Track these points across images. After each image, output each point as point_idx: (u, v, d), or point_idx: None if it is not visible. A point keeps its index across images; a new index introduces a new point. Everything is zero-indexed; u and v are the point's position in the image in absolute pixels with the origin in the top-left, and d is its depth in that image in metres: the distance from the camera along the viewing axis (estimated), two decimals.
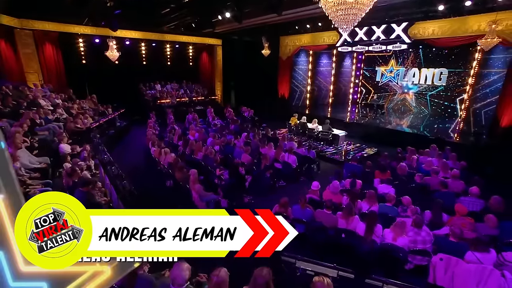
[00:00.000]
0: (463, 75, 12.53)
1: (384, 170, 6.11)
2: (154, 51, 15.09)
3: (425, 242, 3.85)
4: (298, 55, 15.38)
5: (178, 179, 5.86)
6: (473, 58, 11.79)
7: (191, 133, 9.41)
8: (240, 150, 7.59)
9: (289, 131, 12.02)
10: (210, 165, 6.64)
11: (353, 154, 9.48)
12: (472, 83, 11.93)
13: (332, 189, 5.16)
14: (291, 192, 6.93)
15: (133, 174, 7.77)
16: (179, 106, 14.67)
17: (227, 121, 12.33)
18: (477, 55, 11.54)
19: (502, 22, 8.61)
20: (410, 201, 4.64)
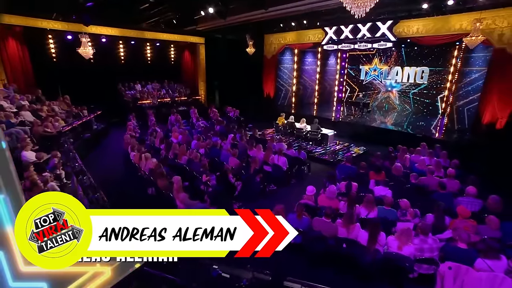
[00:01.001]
0: (443, 74, 12.73)
1: (379, 171, 5.84)
2: (133, 50, 14.25)
3: (432, 250, 3.56)
4: (283, 54, 15.04)
5: (161, 187, 5.30)
6: (452, 56, 12.03)
7: (174, 136, 8.81)
8: (227, 153, 7.10)
9: (276, 131, 11.64)
10: (195, 170, 6.11)
11: (342, 154, 9.24)
12: (452, 81, 12.15)
13: (328, 194, 4.80)
14: (283, 196, 6.56)
15: (111, 182, 7.11)
16: (161, 107, 13.95)
17: (211, 122, 11.79)
18: (456, 52, 11.77)
19: (483, 22, 8.67)
20: (408, 204, 4.36)
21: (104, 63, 13.02)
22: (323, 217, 4.05)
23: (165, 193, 5.14)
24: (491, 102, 9.00)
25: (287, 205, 6.10)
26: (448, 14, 9.28)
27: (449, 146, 8.47)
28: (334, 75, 16.86)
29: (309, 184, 7.11)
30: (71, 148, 6.48)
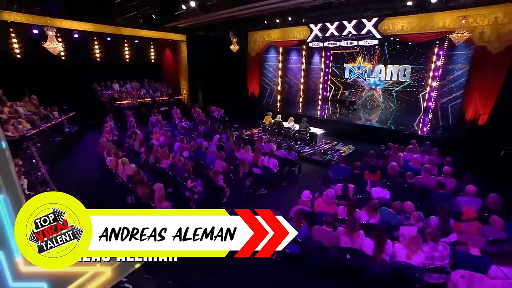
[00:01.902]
0: (425, 72, 12.85)
1: (374, 171, 5.55)
2: (109, 47, 13.29)
3: (443, 258, 3.24)
4: (268, 52, 14.63)
5: (141, 196, 4.70)
6: (434, 54, 12.19)
7: (155, 138, 8.15)
8: (213, 155, 6.57)
9: (263, 131, 11.21)
10: (179, 176, 5.54)
11: (331, 154, 8.95)
12: (434, 78, 12.33)
13: (326, 199, 4.41)
14: (274, 200, 6.13)
15: (85, 191, 6.36)
16: (141, 108, 13.12)
17: (195, 123, 11.17)
18: (436, 50, 11.93)
19: (468, 18, 8.69)
20: (413, 207, 4.05)
21: (78, 60, 12.01)
22: (324, 226, 3.65)
23: (146, 202, 4.55)
24: (474, 99, 9.05)
25: (280, 210, 5.72)
26: (431, 12, 9.26)
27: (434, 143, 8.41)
28: (319, 74, 16.67)
29: (301, 186, 6.78)
30: (34, 154, 5.68)
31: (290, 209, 5.12)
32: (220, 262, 4.36)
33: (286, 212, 5.16)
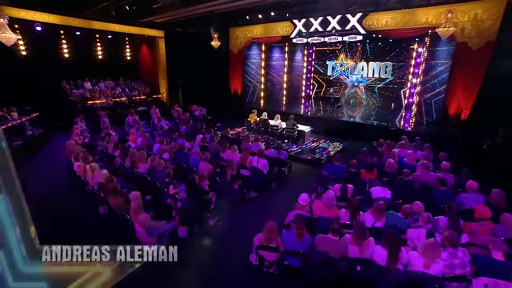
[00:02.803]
0: (405, 68, 12.90)
1: (371, 169, 5.18)
2: (79, 42, 12.12)
3: (464, 265, 2.86)
4: (250, 48, 14.07)
5: (114, 207, 3.99)
6: (413, 50, 12.27)
7: (131, 139, 7.36)
8: (197, 157, 5.92)
9: (248, 130, 10.65)
10: (159, 181, 4.86)
11: (320, 152, 8.57)
12: (415, 74, 12.41)
13: (326, 202, 3.94)
14: (265, 204, 5.60)
15: (49, 201, 5.53)
16: (116, 108, 12.12)
17: (176, 123, 10.40)
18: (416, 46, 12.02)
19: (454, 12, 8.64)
20: (422, 208, 3.68)
21: (43, 57, 10.80)
22: (329, 234, 3.16)
23: (120, 214, 3.85)
24: (456, 94, 9.04)
25: (271, 214, 5.20)
26: (414, 8, 9.15)
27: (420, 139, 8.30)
28: (302, 71, 16.36)
29: (292, 187, 6.33)
30: None
31: (283, 213, 4.65)
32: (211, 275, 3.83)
33: (279, 216, 4.67)
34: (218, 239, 4.51)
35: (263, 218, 4.99)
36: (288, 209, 4.51)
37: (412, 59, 12.54)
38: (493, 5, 8.16)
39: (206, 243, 4.34)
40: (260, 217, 5.07)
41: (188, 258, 3.97)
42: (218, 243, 4.42)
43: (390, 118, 11.24)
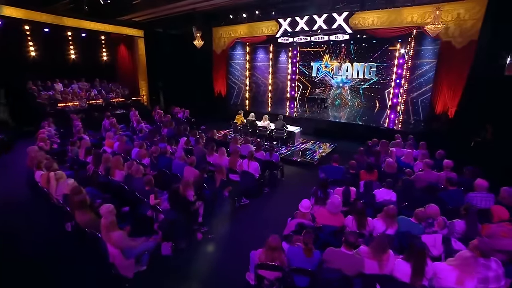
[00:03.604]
0: (389, 69, 12.91)
1: (371, 169, 4.77)
2: (49, 40, 11.03)
3: (499, 278, 2.45)
4: (234, 48, 13.54)
5: (82, 224, 3.29)
6: (397, 50, 12.31)
7: (107, 144, 6.57)
8: (181, 162, 5.28)
9: (234, 132, 10.07)
10: (138, 190, 4.18)
11: (311, 153, 8.15)
12: (397, 75, 12.46)
13: (331, 208, 3.45)
14: (257, 211, 5.05)
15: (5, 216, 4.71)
16: (92, 111, 11.12)
17: (157, 125, 9.64)
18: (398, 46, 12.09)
19: (431, 15, 8.65)
20: (438, 211, 3.28)
21: (4, 55, 9.66)
22: (343, 247, 2.67)
23: (90, 232, 3.15)
24: (442, 93, 9.01)
25: (266, 223, 4.66)
26: (400, 7, 9.05)
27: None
28: (286, 72, 16.05)
29: (285, 192, 5.82)
30: None
31: (279, 221, 4.15)
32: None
33: (276, 225, 4.16)
34: (207, 255, 3.91)
35: (257, 228, 4.47)
36: (284, 216, 4.01)
37: (395, 59, 12.59)
38: (475, 5, 8.19)
39: (194, 260, 3.72)
40: (254, 226, 4.52)
41: (173, 279, 3.34)
42: (208, 259, 3.82)
43: (376, 118, 11.14)
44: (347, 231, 2.75)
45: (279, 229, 3.75)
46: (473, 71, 8.37)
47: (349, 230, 2.74)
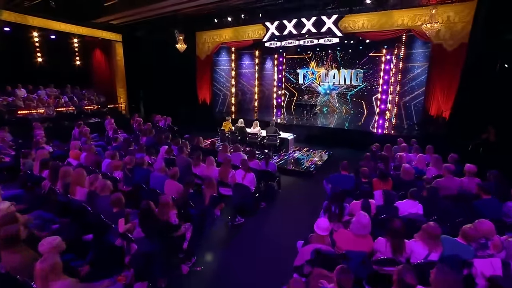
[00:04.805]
0: (376, 74, 12.69)
1: (385, 177, 4.06)
2: (9, 41, 9.68)
3: None
4: (219, 54, 12.78)
5: (12, 268, 2.24)
6: (383, 56, 12.20)
7: (72, 155, 5.44)
8: (161, 175, 4.30)
9: (221, 140, 9.16)
10: (104, 212, 3.17)
11: (305, 161, 7.40)
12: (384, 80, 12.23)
13: (357, 229, 2.63)
14: (256, 232, 4.14)
15: None
16: (61, 119, 9.84)
17: (135, 135, 8.55)
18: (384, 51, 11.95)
19: (421, 18, 8.44)
20: (492, 229, 2.56)
21: None
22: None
23: (22, 281, 2.11)
24: (436, 96, 8.71)
25: (268, 247, 3.77)
26: (390, 10, 8.75)
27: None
28: (273, 79, 15.47)
29: (284, 207, 4.93)
30: None
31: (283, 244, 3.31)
32: None
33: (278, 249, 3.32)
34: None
35: (257, 255, 3.55)
36: (287, 236, 3.18)
37: (382, 64, 12.39)
38: (463, 8, 8.01)
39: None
40: (254, 253, 3.61)
41: None
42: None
43: (367, 124, 10.72)
44: (402, 268, 1.93)
45: (285, 255, 2.91)
46: (465, 73, 8.13)
47: (402, 268, 1.92)
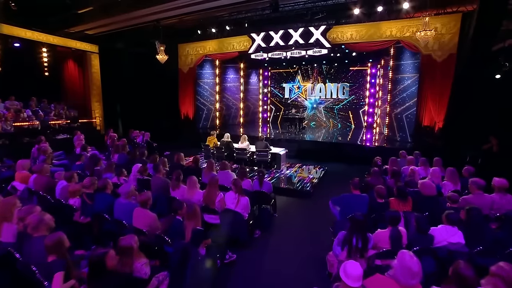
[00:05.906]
0: (362, 87, 12.52)
1: (404, 196, 3.34)
2: None
3: None
4: (202, 67, 12.09)
5: None
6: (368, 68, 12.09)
7: (18, 177, 4.32)
8: (130, 203, 3.31)
9: (206, 157, 8.23)
10: (36, 259, 2.15)
11: (302, 179, 6.60)
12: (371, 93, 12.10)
13: (403, 276, 1.81)
14: (251, 272, 3.19)
15: None
16: (21, 135, 8.54)
17: (109, 151, 7.47)
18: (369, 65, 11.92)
19: (409, 29, 8.34)
20: None
21: None
22: None
23: None
24: (428, 106, 8.44)
25: None
26: (378, 21, 8.57)
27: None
28: (258, 93, 14.92)
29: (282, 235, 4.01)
30: None
31: None
32: None
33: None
34: None
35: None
36: (289, 274, 2.31)
37: (368, 76, 12.26)
38: (450, 20, 7.96)
39: None
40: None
41: None
42: None
43: (355, 137, 10.29)
44: None
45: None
46: (456, 84, 7.92)
47: None
